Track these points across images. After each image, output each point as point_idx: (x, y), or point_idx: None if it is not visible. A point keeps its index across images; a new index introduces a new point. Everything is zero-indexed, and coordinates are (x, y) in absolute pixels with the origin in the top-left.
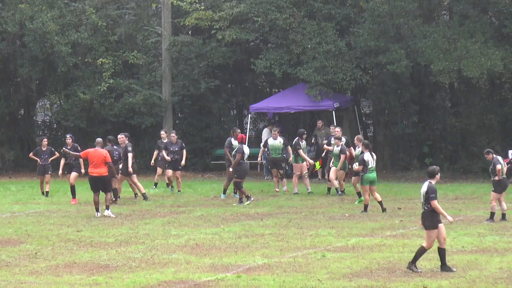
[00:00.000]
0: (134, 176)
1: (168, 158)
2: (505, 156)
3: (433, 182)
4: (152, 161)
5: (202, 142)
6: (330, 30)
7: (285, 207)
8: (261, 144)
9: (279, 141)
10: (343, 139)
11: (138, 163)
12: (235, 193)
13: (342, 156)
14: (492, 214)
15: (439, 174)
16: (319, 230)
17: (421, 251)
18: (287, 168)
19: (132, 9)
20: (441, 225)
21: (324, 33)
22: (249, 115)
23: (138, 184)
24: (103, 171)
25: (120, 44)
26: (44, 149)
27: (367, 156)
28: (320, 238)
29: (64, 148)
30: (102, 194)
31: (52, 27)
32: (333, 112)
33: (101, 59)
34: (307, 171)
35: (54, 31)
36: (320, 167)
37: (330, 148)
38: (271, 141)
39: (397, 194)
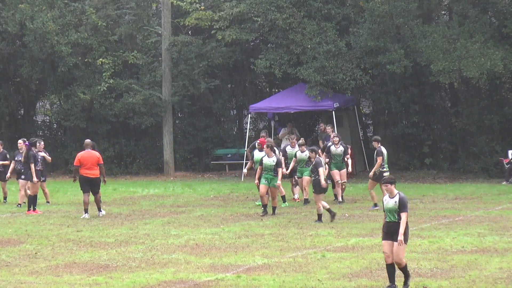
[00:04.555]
0: None
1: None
2: (505, 156)
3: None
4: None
5: (202, 142)
6: (330, 30)
7: (285, 207)
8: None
9: (273, 160)
10: (341, 146)
11: (138, 164)
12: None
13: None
14: (320, 215)
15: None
16: (319, 230)
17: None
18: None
19: (132, 9)
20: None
21: (324, 33)
22: (249, 115)
23: None
24: (96, 172)
25: (120, 44)
26: None
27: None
28: (320, 238)
29: None
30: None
31: (52, 27)
32: (333, 112)
33: (101, 59)
34: (345, 181)
35: (54, 31)
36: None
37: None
38: (265, 159)
39: None
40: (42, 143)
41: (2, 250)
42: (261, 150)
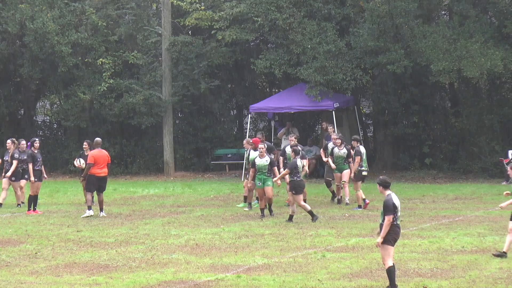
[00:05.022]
0: None
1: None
2: (505, 156)
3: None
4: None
5: (202, 142)
6: (330, 30)
7: (285, 207)
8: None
9: (266, 160)
10: (344, 149)
11: (138, 164)
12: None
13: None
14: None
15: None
16: (319, 230)
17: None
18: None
19: (132, 9)
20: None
21: (324, 33)
22: (249, 115)
23: None
24: (106, 171)
25: (120, 44)
26: None
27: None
28: (320, 238)
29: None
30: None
31: (52, 27)
32: (333, 112)
33: (101, 59)
34: (345, 181)
35: (54, 31)
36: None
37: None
38: (257, 160)
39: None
40: (23, 143)
41: (2, 250)
42: (255, 149)
